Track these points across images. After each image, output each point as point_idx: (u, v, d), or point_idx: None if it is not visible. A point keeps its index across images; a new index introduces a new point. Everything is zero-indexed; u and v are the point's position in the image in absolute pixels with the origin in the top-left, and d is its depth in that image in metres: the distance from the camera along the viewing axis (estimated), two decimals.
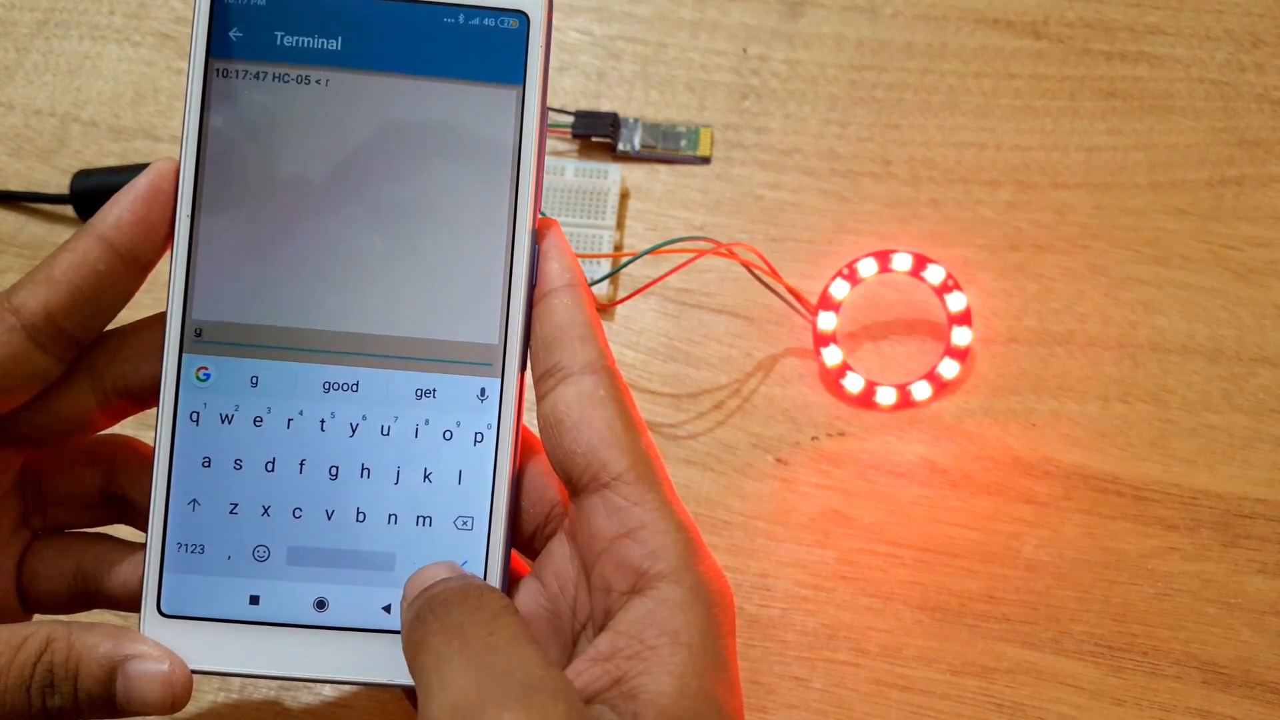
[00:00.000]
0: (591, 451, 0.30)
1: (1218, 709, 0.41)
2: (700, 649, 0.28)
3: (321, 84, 0.32)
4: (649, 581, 0.29)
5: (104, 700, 0.30)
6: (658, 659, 0.28)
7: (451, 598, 0.28)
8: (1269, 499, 0.44)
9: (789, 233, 0.48)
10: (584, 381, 0.31)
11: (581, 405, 0.30)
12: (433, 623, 0.27)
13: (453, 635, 0.27)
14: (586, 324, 0.31)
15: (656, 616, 0.28)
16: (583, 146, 0.50)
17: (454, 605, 0.28)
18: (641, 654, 0.28)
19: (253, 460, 0.31)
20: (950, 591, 0.42)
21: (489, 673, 0.26)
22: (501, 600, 0.28)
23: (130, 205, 0.31)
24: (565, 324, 0.31)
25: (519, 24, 0.32)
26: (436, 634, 0.27)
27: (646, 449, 0.30)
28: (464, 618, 0.27)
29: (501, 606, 0.28)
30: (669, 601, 0.28)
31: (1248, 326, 0.46)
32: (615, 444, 0.30)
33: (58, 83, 0.52)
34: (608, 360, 0.31)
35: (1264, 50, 0.51)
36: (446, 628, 0.27)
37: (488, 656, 0.26)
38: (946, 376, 0.45)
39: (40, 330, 0.30)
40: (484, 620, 0.27)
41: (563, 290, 0.32)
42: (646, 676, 0.27)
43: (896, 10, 0.52)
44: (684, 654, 0.28)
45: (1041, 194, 0.49)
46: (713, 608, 0.29)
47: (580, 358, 0.31)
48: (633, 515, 0.29)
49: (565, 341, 0.31)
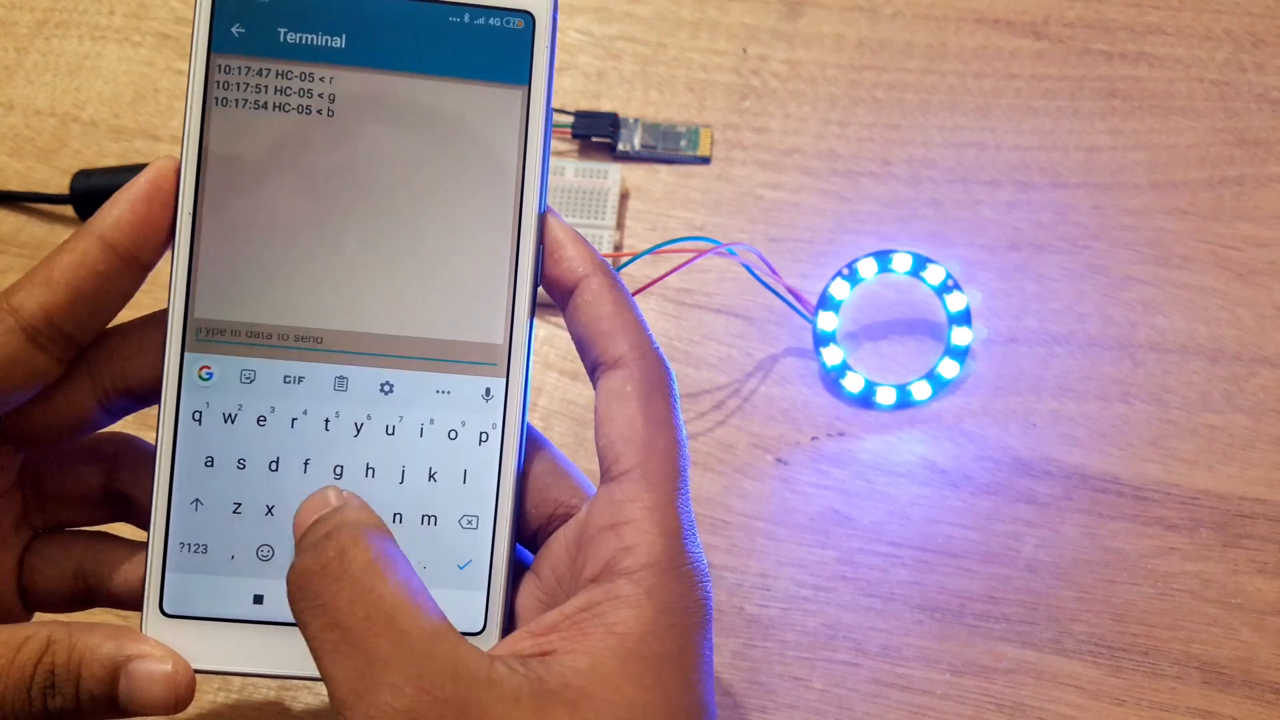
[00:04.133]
0: (610, 445, 0.30)
1: (1218, 709, 0.41)
2: (634, 645, 0.28)
3: (325, 82, 0.31)
4: (611, 575, 0.29)
5: (106, 701, 0.29)
6: (585, 642, 0.28)
7: (307, 572, 0.28)
8: (1269, 499, 0.44)
9: (789, 233, 0.48)
10: (613, 377, 0.31)
11: (608, 400, 0.31)
12: (307, 613, 0.27)
13: (328, 623, 0.27)
14: (611, 315, 0.31)
15: (601, 607, 0.28)
16: (583, 146, 0.50)
17: (318, 583, 0.27)
18: (573, 636, 0.28)
19: (256, 459, 0.31)
20: (950, 591, 0.42)
21: (372, 662, 0.26)
22: (364, 556, 0.28)
23: (130, 205, 0.31)
24: (590, 320, 0.32)
25: (524, 24, 0.32)
26: (312, 620, 0.27)
27: (665, 447, 0.30)
28: (332, 598, 0.27)
29: (364, 566, 0.27)
30: (619, 597, 0.28)
31: (1248, 326, 0.46)
32: (632, 440, 0.30)
33: (58, 83, 0.52)
34: (638, 348, 0.31)
35: (1264, 50, 0.51)
36: (318, 612, 0.27)
37: (369, 641, 0.26)
38: (946, 376, 0.45)
39: (39, 331, 0.30)
40: (354, 598, 0.27)
41: (584, 283, 0.32)
42: (568, 655, 0.28)
43: (896, 10, 0.52)
44: (614, 642, 0.28)
45: (1041, 194, 0.49)
46: (668, 612, 0.29)
47: (611, 352, 0.31)
48: (623, 510, 0.30)
49: (594, 339, 0.32)
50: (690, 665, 0.29)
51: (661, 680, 0.28)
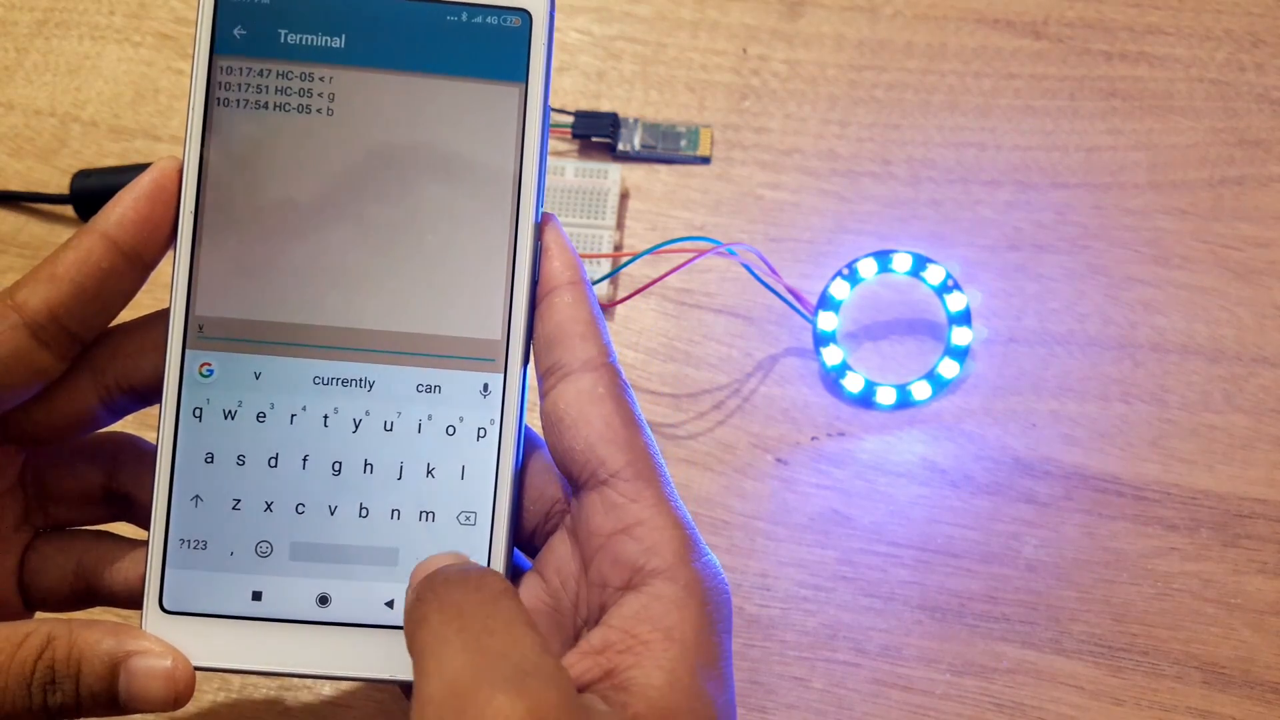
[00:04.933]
0: (589, 448, 0.30)
1: (1218, 709, 0.41)
2: (693, 645, 0.28)
3: (325, 81, 0.32)
4: (644, 578, 0.29)
5: (106, 697, 0.29)
6: (649, 653, 0.28)
7: (452, 578, 0.28)
8: (1269, 499, 0.44)
9: (789, 233, 0.48)
10: (583, 379, 0.31)
11: (580, 403, 0.30)
12: (432, 602, 0.27)
13: (451, 616, 0.27)
14: (587, 321, 0.31)
15: (650, 612, 0.28)
16: (583, 146, 0.50)
17: (454, 586, 0.28)
18: (633, 648, 0.28)
19: (255, 456, 0.31)
20: (950, 591, 0.42)
21: (485, 655, 0.26)
22: (502, 583, 0.28)
23: (133, 203, 0.31)
24: (566, 322, 0.31)
25: (522, 21, 0.32)
26: (435, 613, 0.27)
27: (645, 445, 0.30)
28: (464, 599, 0.27)
29: (501, 589, 0.28)
30: (663, 598, 0.28)
31: (1248, 326, 0.46)
32: (614, 440, 0.30)
33: (58, 83, 0.52)
34: (609, 356, 0.31)
35: (1264, 50, 0.51)
36: (446, 608, 0.27)
37: (485, 639, 0.26)
38: (946, 376, 0.45)
39: (43, 328, 0.30)
40: (483, 602, 0.27)
41: (564, 288, 0.32)
42: (637, 670, 0.27)
43: (896, 10, 0.52)
44: (676, 649, 0.28)
45: (1041, 194, 0.49)
46: (707, 604, 0.29)
47: (580, 355, 0.31)
48: (629, 512, 0.29)
49: (565, 340, 0.31)
50: (727, 660, 0.29)
51: (722, 676, 0.28)
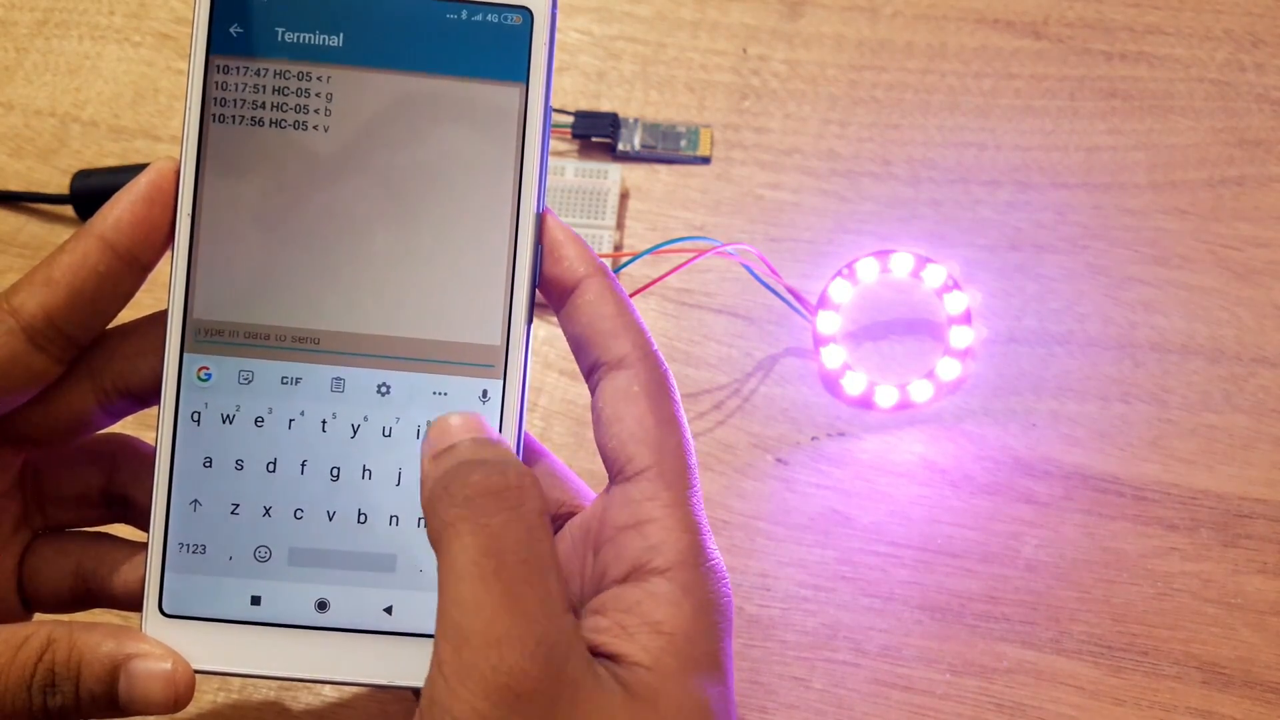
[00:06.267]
0: (621, 446, 0.30)
1: (1218, 709, 0.41)
2: (683, 641, 0.28)
3: (323, 81, 0.31)
4: (643, 575, 0.29)
5: (106, 699, 0.29)
6: (635, 642, 0.28)
7: (491, 488, 0.27)
8: (1269, 499, 0.44)
9: (789, 233, 0.48)
10: (619, 378, 0.31)
11: (615, 401, 0.31)
12: (466, 518, 0.27)
13: (489, 551, 0.26)
14: (613, 315, 0.31)
15: (642, 606, 0.28)
16: (583, 146, 0.50)
17: (491, 501, 0.27)
18: (621, 637, 0.28)
19: (254, 461, 0.31)
20: (950, 591, 0.42)
21: (518, 616, 0.26)
22: (536, 502, 0.27)
23: (130, 205, 0.31)
24: (594, 320, 0.31)
25: (522, 20, 0.32)
26: (469, 535, 0.26)
27: (678, 446, 0.30)
28: (503, 529, 0.26)
29: (537, 515, 0.27)
30: (657, 594, 0.28)
31: (1248, 326, 0.46)
32: (644, 440, 0.30)
33: (58, 83, 0.52)
34: (644, 348, 0.31)
35: (1264, 50, 0.51)
36: (480, 532, 0.26)
37: (519, 588, 0.26)
38: (946, 376, 0.45)
39: (39, 331, 0.30)
40: (521, 536, 0.26)
41: (585, 283, 0.32)
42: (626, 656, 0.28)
43: (896, 10, 0.52)
44: (663, 641, 0.28)
45: (1041, 194, 0.49)
46: (703, 606, 0.29)
47: (614, 352, 0.31)
48: (643, 510, 0.29)
49: (596, 339, 0.31)
50: (726, 661, 0.29)
51: (720, 677, 0.28)
